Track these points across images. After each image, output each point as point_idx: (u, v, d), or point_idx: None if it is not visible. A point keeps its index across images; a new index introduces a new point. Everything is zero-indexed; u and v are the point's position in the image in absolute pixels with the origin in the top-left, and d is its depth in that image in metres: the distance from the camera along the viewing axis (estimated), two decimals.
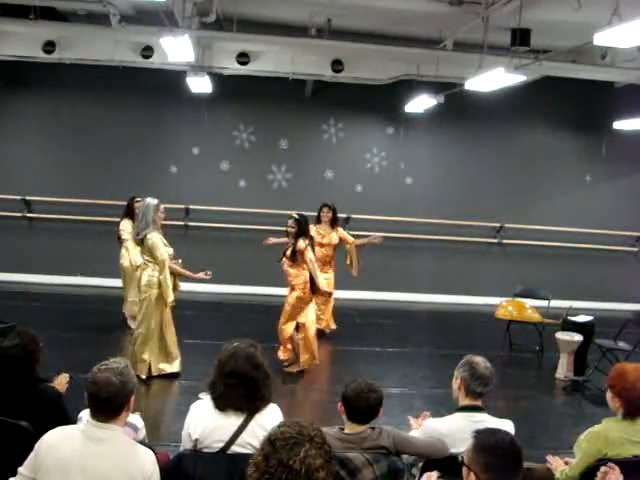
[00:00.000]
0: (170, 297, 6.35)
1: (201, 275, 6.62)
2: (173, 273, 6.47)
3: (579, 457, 3.40)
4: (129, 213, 8.18)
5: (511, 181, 11.22)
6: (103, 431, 2.66)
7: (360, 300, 10.45)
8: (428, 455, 3.32)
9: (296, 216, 6.88)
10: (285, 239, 7.21)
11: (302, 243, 6.67)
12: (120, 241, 8.16)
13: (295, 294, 6.80)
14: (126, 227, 8.11)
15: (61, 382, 3.91)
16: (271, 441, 1.97)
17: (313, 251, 6.89)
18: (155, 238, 6.30)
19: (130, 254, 8.03)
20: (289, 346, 7.05)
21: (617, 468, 3.06)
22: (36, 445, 2.65)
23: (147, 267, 6.40)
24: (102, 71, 9.48)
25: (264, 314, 9.15)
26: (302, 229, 6.78)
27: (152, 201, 6.43)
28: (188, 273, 6.63)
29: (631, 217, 11.40)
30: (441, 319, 10.45)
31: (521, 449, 2.41)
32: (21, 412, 3.18)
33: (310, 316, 6.93)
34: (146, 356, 6.45)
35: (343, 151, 11.08)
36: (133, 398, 2.81)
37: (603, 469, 3.08)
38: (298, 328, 6.93)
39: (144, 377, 6.38)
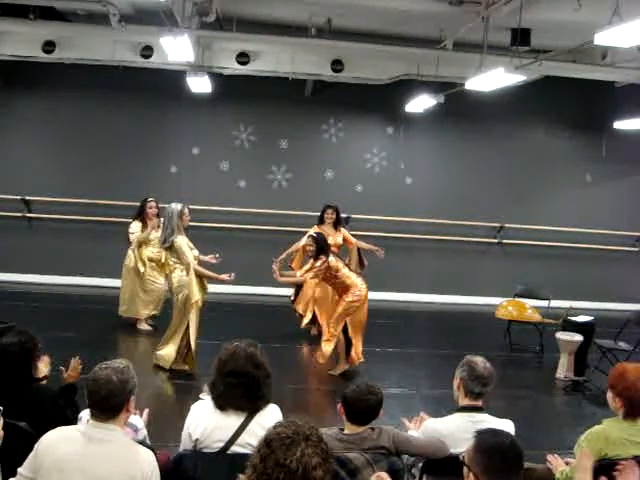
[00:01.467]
0: (195, 296, 6.51)
1: (225, 277, 6.67)
2: (200, 275, 6.59)
3: (579, 457, 3.40)
4: (141, 214, 8.13)
5: (511, 181, 11.22)
6: (103, 431, 2.66)
7: None
8: (428, 455, 3.31)
9: (314, 234, 7.01)
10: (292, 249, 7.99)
11: (318, 262, 6.75)
12: (129, 242, 8.14)
13: (349, 298, 6.82)
14: (135, 229, 8.09)
15: (75, 368, 3.90)
16: (267, 442, 1.97)
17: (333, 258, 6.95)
18: (181, 242, 6.49)
19: (135, 256, 8.05)
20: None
21: (636, 465, 3.03)
22: (35, 445, 2.64)
23: (176, 269, 6.61)
24: (102, 71, 9.48)
25: (264, 314, 9.16)
26: (320, 247, 6.83)
27: (176, 207, 6.61)
28: (213, 275, 6.72)
29: (631, 217, 11.40)
30: (441, 319, 10.44)
31: (522, 451, 2.40)
32: (18, 412, 3.18)
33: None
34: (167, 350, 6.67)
35: (343, 151, 11.07)
36: (133, 399, 2.81)
37: (622, 464, 3.06)
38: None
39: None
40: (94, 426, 2.68)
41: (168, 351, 6.71)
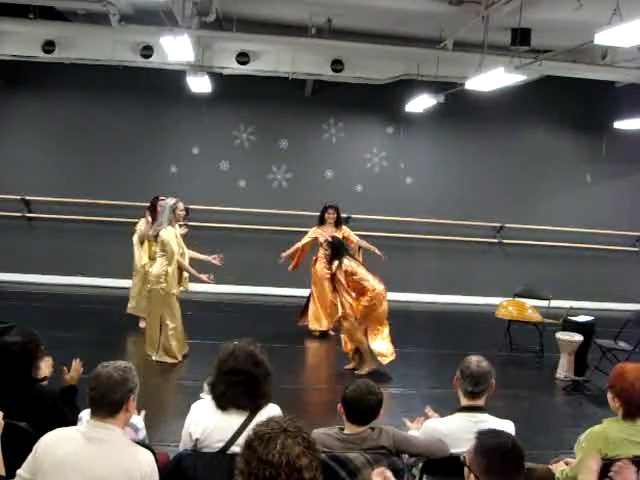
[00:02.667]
0: (173, 289, 6.67)
1: (204, 277, 6.87)
2: (180, 268, 6.79)
3: (579, 457, 3.40)
4: (151, 212, 8.07)
5: (511, 181, 11.22)
6: (102, 431, 2.66)
7: None
8: (428, 455, 3.31)
9: (329, 239, 7.24)
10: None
11: (333, 267, 6.90)
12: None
13: (364, 303, 6.87)
14: (139, 225, 8.09)
15: (76, 369, 3.89)
16: (248, 443, 1.97)
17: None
18: (167, 234, 6.65)
19: (135, 253, 8.06)
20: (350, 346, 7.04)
21: (632, 465, 3.04)
22: (34, 447, 2.64)
23: (157, 260, 6.77)
24: (102, 71, 9.48)
25: (264, 314, 9.16)
26: (334, 251, 6.94)
27: (170, 201, 6.83)
28: (193, 271, 6.93)
29: (631, 217, 11.39)
30: (441, 319, 10.44)
31: (523, 452, 2.39)
32: (19, 412, 3.18)
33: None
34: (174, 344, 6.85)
35: (343, 151, 11.07)
36: (133, 399, 2.81)
37: (618, 464, 3.07)
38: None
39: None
40: (94, 426, 2.68)
41: (171, 345, 6.83)
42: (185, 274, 7.05)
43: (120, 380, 2.72)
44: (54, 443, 2.62)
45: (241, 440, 3.01)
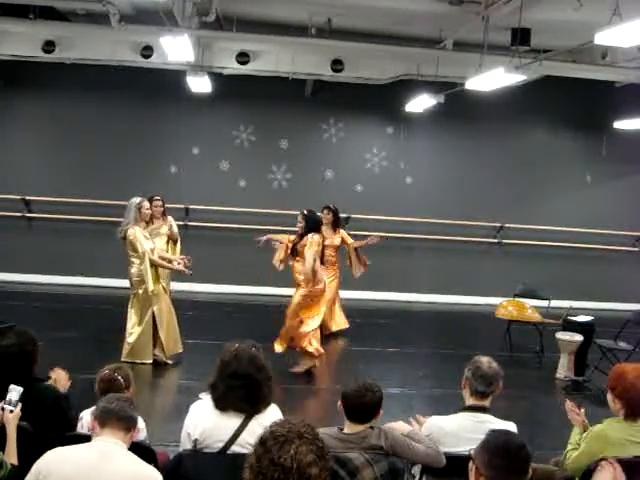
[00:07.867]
0: (150, 286, 6.63)
1: (180, 268, 6.86)
2: (154, 265, 6.75)
3: (580, 452, 3.39)
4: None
5: (511, 181, 11.22)
6: (112, 446, 2.64)
7: (360, 300, 10.44)
8: (423, 464, 3.31)
9: (305, 212, 7.02)
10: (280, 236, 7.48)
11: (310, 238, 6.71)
12: None
13: (300, 292, 6.77)
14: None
15: (63, 381, 3.85)
16: (262, 441, 1.97)
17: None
18: (135, 233, 6.62)
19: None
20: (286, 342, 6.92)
21: (617, 465, 3.04)
22: (35, 464, 2.58)
23: (133, 262, 6.72)
24: (102, 71, 9.48)
25: (264, 314, 9.15)
26: (310, 225, 6.84)
27: (135, 200, 6.78)
28: (166, 265, 6.91)
29: (631, 217, 11.39)
30: (441, 319, 10.44)
31: (529, 456, 2.39)
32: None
33: (313, 314, 6.86)
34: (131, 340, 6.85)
35: (343, 151, 11.07)
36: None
37: (604, 462, 3.07)
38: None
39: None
40: (104, 441, 2.67)
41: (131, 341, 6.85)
42: (163, 271, 7.02)
43: (129, 413, 2.78)
44: (61, 458, 2.58)
45: (240, 440, 3.02)
